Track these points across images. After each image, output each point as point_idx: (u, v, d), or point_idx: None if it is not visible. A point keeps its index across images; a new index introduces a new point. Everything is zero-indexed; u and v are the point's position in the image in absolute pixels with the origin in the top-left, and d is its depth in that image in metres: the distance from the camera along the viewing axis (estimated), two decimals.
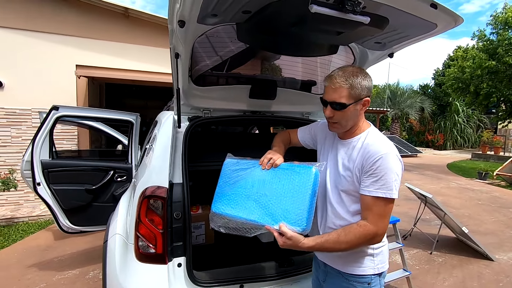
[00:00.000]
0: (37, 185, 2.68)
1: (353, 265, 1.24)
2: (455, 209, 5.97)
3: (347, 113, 1.18)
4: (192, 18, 1.22)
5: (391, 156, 1.13)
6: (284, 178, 1.25)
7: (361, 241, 1.14)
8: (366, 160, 1.15)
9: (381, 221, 1.14)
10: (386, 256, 1.30)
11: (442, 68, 22.93)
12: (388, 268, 1.32)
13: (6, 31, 5.16)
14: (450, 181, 9.30)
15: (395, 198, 1.13)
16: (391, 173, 1.12)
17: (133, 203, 1.55)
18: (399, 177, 1.14)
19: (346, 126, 1.23)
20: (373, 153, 1.14)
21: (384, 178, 1.11)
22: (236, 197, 1.36)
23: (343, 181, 1.23)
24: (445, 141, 21.75)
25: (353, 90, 1.16)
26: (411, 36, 1.46)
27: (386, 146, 1.16)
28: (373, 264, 1.24)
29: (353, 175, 1.19)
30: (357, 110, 1.20)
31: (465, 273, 3.28)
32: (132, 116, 3.09)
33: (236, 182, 1.39)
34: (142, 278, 1.41)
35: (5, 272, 3.12)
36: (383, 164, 1.12)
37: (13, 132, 5.28)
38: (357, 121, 1.24)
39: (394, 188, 1.12)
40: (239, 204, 1.33)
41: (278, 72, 2.13)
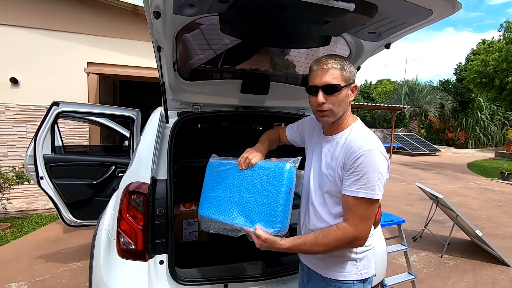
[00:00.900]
0: (40, 179, 2.75)
1: (334, 270, 1.17)
2: (473, 211, 5.68)
3: (340, 97, 1.11)
4: (167, 9, 1.17)
5: (374, 153, 1.05)
6: (259, 178, 1.20)
7: (340, 244, 1.07)
8: (348, 157, 1.08)
9: (362, 224, 1.06)
10: (371, 261, 1.22)
11: (465, 63, 21.90)
12: (374, 274, 1.23)
13: (22, 30, 5.34)
14: (470, 181, 8.88)
15: (378, 198, 1.05)
16: (374, 172, 1.03)
17: (117, 198, 1.54)
18: (383, 176, 1.06)
19: (338, 113, 1.14)
20: (355, 149, 1.06)
21: (366, 177, 1.03)
22: (218, 199, 1.35)
23: (325, 181, 1.16)
24: (466, 139, 20.85)
25: (344, 72, 1.10)
26: (406, 25, 1.35)
27: (369, 142, 1.08)
28: (355, 269, 1.17)
29: (335, 174, 1.12)
30: (348, 96, 1.14)
31: (478, 279, 3.10)
32: (133, 112, 3.11)
33: (218, 184, 1.37)
34: (123, 274, 1.40)
35: (15, 262, 3.24)
36: (365, 162, 1.04)
37: (29, 127, 5.48)
38: (346, 110, 1.16)
39: (377, 188, 1.04)
40: (220, 207, 1.33)
41: (273, 66, 2.06)
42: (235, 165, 1.30)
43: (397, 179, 8.89)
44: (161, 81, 1.59)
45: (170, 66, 1.56)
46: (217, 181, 1.39)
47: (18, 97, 5.42)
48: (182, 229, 2.19)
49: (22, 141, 5.46)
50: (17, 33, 5.32)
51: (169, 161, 1.58)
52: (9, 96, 5.38)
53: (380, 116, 26.06)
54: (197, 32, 1.59)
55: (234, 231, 1.28)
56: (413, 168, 11.31)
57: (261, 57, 2.00)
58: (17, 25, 5.31)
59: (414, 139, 17.53)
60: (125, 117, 3.14)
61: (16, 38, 5.32)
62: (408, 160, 13.84)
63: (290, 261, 1.64)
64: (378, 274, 1.88)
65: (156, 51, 1.44)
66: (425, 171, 10.69)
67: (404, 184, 8.14)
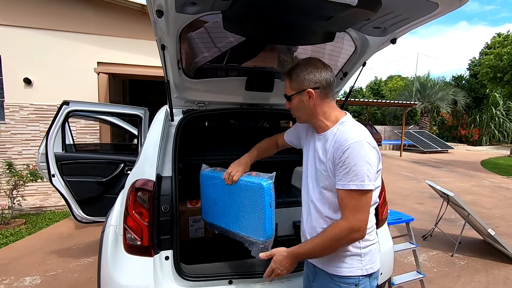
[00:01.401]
0: (52, 177, 2.83)
1: (339, 266, 1.18)
2: (486, 209, 5.54)
3: (295, 104, 1.22)
4: (169, 7, 1.18)
5: (361, 144, 1.06)
6: (243, 192, 1.36)
7: (338, 239, 1.09)
8: (336, 151, 1.10)
9: (355, 215, 1.07)
10: (376, 255, 1.22)
11: (479, 58, 21.27)
12: (379, 268, 1.23)
13: (34, 31, 5.48)
14: (483, 179, 8.66)
15: (369, 189, 1.06)
16: (362, 163, 1.05)
17: (124, 195, 1.57)
18: (372, 167, 1.07)
19: (300, 117, 1.26)
20: (342, 142, 1.08)
21: (354, 169, 1.05)
22: (214, 208, 1.56)
23: (321, 177, 1.18)
24: (480, 136, 20.29)
25: (292, 82, 1.20)
26: (411, 19, 1.32)
27: (356, 134, 1.09)
28: (361, 264, 1.17)
29: (328, 169, 1.14)
30: (304, 102, 1.19)
31: (490, 278, 3.03)
32: (141, 111, 3.16)
33: (211, 195, 1.57)
34: (129, 269, 1.43)
35: (29, 257, 3.35)
36: (353, 154, 1.05)
37: (42, 126, 5.63)
38: (316, 113, 1.20)
39: (367, 179, 1.05)
40: (217, 214, 1.55)
41: (278, 63, 2.06)
42: (222, 179, 1.45)
43: (407, 177, 8.75)
44: (166, 80, 1.61)
45: (174, 64, 1.58)
46: (210, 192, 1.56)
47: (31, 97, 5.57)
48: (188, 226, 2.21)
49: (35, 139, 5.62)
50: (30, 34, 5.46)
51: (174, 158, 1.60)
52: (23, 96, 5.54)
53: (390, 113, 25.63)
54: (201, 30, 1.60)
55: (233, 234, 1.49)
56: (424, 166, 11.10)
57: (266, 54, 2.00)
58: (29, 26, 5.45)
59: (425, 136, 17.19)
60: (133, 115, 3.19)
61: (28, 39, 5.46)
62: (419, 158, 13.58)
63: None
64: (385, 273, 1.86)
65: (160, 49, 1.46)
66: (437, 169, 10.48)
67: (414, 182, 8.00)
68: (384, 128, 21.64)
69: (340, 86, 2.09)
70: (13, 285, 2.79)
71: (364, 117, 24.98)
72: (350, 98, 13.90)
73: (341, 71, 1.93)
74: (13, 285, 2.79)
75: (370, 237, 1.18)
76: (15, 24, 5.39)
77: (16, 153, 5.60)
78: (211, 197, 1.57)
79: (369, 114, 23.82)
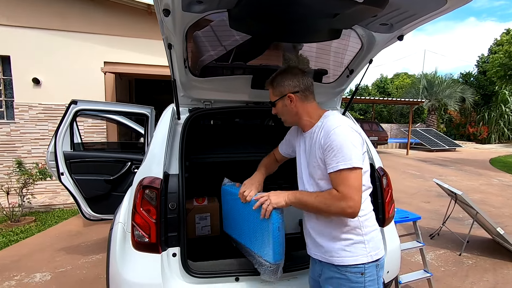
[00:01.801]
0: (60, 175, 2.88)
1: (344, 255, 1.21)
2: (495, 208, 5.46)
3: (279, 108, 1.35)
4: (176, 6, 1.19)
5: (343, 128, 1.17)
6: (254, 212, 1.38)
7: (329, 205, 1.16)
8: (323, 139, 1.20)
9: (347, 189, 1.13)
10: (379, 242, 1.28)
11: (488, 54, 20.89)
12: (383, 256, 1.27)
13: (41, 31, 5.56)
14: (492, 177, 8.53)
15: (358, 166, 1.14)
16: (347, 144, 1.15)
17: (132, 193, 1.59)
18: (356, 147, 1.16)
19: (286, 120, 1.38)
20: (327, 130, 1.19)
21: (341, 151, 1.14)
22: (232, 221, 1.63)
23: (313, 170, 1.27)
24: (489, 134, 19.96)
25: (275, 89, 1.34)
26: (419, 15, 1.31)
27: (340, 121, 1.21)
28: (365, 251, 1.21)
29: (317, 158, 1.23)
30: (287, 106, 1.32)
31: (499, 278, 2.99)
32: (147, 110, 3.19)
33: (231, 208, 1.63)
34: (137, 265, 1.45)
35: (40, 253, 3.42)
36: (337, 137, 1.15)
37: (50, 126, 5.72)
38: (300, 114, 1.32)
39: (354, 158, 1.13)
40: (234, 228, 1.62)
41: (283, 61, 2.05)
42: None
43: (414, 176, 8.66)
44: (172, 78, 1.62)
45: (181, 63, 1.59)
46: (228, 206, 1.65)
47: (40, 96, 5.66)
48: (195, 224, 2.23)
49: (44, 138, 5.71)
50: (38, 35, 5.55)
51: (180, 156, 1.61)
52: (32, 96, 5.63)
53: (397, 111, 25.36)
54: (207, 28, 1.60)
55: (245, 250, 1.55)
56: (431, 164, 10.98)
57: (271, 52, 2.00)
58: (38, 27, 5.54)
59: (432, 134, 16.98)
60: (140, 114, 3.22)
61: (37, 40, 5.55)
62: (426, 156, 13.43)
63: (301, 256, 1.64)
64: (392, 271, 1.86)
65: (167, 48, 1.46)
66: (444, 167, 10.35)
67: (421, 181, 7.92)
68: (391, 126, 21.42)
69: (346, 84, 2.08)
70: (24, 281, 2.84)
71: (370, 115, 24.79)
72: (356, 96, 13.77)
73: (347, 68, 1.92)
74: (24, 281, 2.84)
75: (370, 223, 1.25)
76: (24, 25, 5.48)
77: (26, 152, 5.70)
78: (229, 211, 1.66)
79: (375, 112, 23.61)
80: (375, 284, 1.22)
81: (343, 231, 1.21)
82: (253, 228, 1.43)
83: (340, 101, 2.27)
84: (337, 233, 1.22)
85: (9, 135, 5.63)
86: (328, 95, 2.17)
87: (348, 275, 1.20)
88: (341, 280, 1.21)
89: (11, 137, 5.64)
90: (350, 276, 1.19)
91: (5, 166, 5.56)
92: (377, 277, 1.23)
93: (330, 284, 1.25)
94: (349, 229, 1.21)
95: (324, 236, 1.25)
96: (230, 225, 1.68)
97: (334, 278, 1.23)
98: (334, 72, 2.03)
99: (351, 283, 1.20)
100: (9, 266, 3.13)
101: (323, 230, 1.26)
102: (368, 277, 1.20)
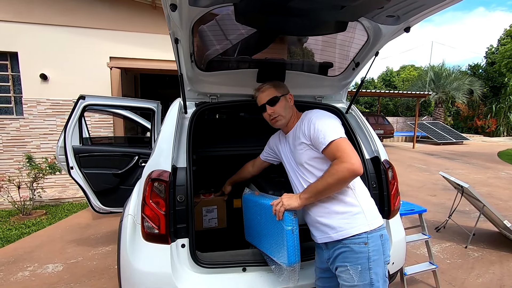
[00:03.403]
0: (70, 169, 2.94)
1: (346, 228, 1.28)
2: (503, 201, 5.42)
3: (282, 105, 1.49)
4: (183, 1, 1.20)
5: (319, 112, 1.40)
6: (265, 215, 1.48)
7: (338, 172, 1.22)
8: (307, 127, 1.36)
9: (344, 151, 1.24)
10: (377, 211, 1.37)
11: (497, 45, 20.42)
12: (383, 224, 1.34)
13: (48, 27, 5.60)
14: (500, 170, 8.43)
15: (344, 136, 1.28)
16: (328, 121, 1.33)
17: (141, 186, 1.62)
18: (334, 122, 1.34)
19: (286, 116, 1.50)
20: (308, 119, 1.38)
21: (326, 128, 1.30)
22: (252, 229, 1.70)
23: (301, 156, 1.39)
24: (497, 127, 19.64)
25: (277, 88, 1.51)
26: (426, 6, 1.30)
27: (315, 111, 1.43)
28: (365, 221, 1.28)
29: (304, 144, 1.37)
30: (288, 103, 1.51)
31: (505, 271, 2.99)
32: (153, 104, 3.22)
33: (250, 215, 1.71)
34: (147, 256, 1.49)
35: (50, 245, 3.51)
36: (318, 119, 1.34)
37: (58, 121, 5.80)
38: (292, 113, 1.52)
39: (339, 130, 1.30)
40: (254, 235, 1.69)
41: (289, 54, 2.06)
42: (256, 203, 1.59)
43: (420, 169, 8.61)
44: (179, 73, 1.64)
45: (187, 57, 1.60)
46: (248, 214, 1.73)
47: (48, 92, 5.73)
48: (202, 216, 2.27)
49: (53, 134, 5.80)
50: (45, 31, 5.59)
51: (188, 150, 1.64)
52: (39, 91, 5.70)
53: (403, 104, 25.07)
54: (213, 23, 1.61)
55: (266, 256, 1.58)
56: (438, 158, 10.88)
57: (276, 45, 1.99)
58: (44, 23, 5.57)
59: (439, 128, 16.78)
60: (146, 109, 3.26)
61: (43, 35, 5.59)
62: (433, 150, 13.30)
63: (308, 247, 1.67)
64: (397, 262, 1.88)
65: (174, 43, 1.48)
66: (451, 160, 10.26)
67: (427, 174, 7.87)
68: (397, 119, 21.21)
69: (352, 77, 2.08)
70: (37, 271, 2.93)
71: (375, 109, 24.54)
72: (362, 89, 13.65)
73: (353, 61, 1.92)
74: (37, 271, 2.93)
75: (365, 195, 1.37)
76: (31, 21, 5.52)
77: (35, 147, 5.80)
78: (249, 219, 1.74)
79: (381, 105, 23.36)
80: (380, 255, 1.27)
81: (341, 204, 1.31)
82: (269, 233, 1.48)
83: (346, 94, 2.27)
84: (336, 207, 1.30)
85: (18, 130, 5.73)
86: (334, 88, 2.17)
87: (352, 246, 1.25)
88: (346, 253, 1.26)
89: (20, 132, 5.74)
90: (354, 247, 1.25)
91: (15, 161, 5.67)
92: (383, 249, 1.28)
93: (337, 261, 1.30)
94: (346, 202, 1.31)
95: (326, 215, 1.32)
96: (250, 233, 1.74)
97: (340, 254, 1.29)
98: (340, 65, 2.03)
99: (355, 254, 1.25)
100: (22, 257, 3.23)
101: (323, 210, 1.33)
102: (372, 247, 1.25)
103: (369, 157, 1.91)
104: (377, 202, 1.81)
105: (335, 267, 1.32)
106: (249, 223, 1.73)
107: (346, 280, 1.26)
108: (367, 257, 1.24)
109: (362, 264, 1.24)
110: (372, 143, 1.94)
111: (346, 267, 1.26)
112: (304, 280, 1.59)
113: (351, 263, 1.25)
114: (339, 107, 2.09)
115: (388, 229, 1.84)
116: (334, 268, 1.33)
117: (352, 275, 1.24)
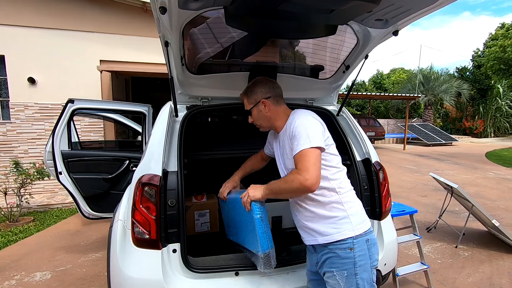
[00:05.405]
0: (59, 174, 2.88)
1: (332, 233, 1.28)
2: (490, 201, 5.53)
3: (255, 115, 1.48)
4: (172, 4, 1.19)
5: (304, 116, 1.33)
6: (237, 209, 1.51)
7: (291, 183, 1.23)
8: (289, 131, 1.34)
9: (304, 163, 1.21)
10: (364, 215, 1.35)
11: (483, 48, 20.96)
12: (370, 228, 1.33)
13: (36, 30, 5.51)
14: (488, 171, 8.61)
15: (316, 146, 1.23)
16: (306, 129, 1.27)
17: (131, 191, 1.60)
18: (315, 131, 1.28)
19: (262, 125, 1.51)
20: (291, 123, 1.35)
21: (301, 135, 1.25)
22: (231, 226, 1.75)
23: (287, 161, 1.39)
24: (485, 128, 20.10)
25: (250, 98, 1.47)
26: (413, 10, 1.32)
27: (300, 114, 1.36)
28: (351, 226, 1.27)
29: (288, 150, 1.35)
30: (262, 111, 1.45)
31: (494, 269, 3.04)
32: (144, 108, 3.18)
33: (227, 214, 1.76)
34: (138, 261, 1.46)
35: (39, 253, 3.42)
36: (299, 125, 1.29)
37: (47, 125, 5.69)
38: (274, 118, 1.46)
39: (313, 139, 1.24)
40: (231, 231, 1.75)
41: (280, 57, 2.06)
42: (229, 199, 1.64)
43: (411, 170, 8.73)
44: (169, 76, 1.63)
45: (178, 60, 1.59)
46: (225, 212, 1.79)
47: (36, 96, 5.62)
48: (194, 220, 2.25)
49: (41, 138, 5.69)
50: (33, 34, 5.49)
51: (179, 153, 1.63)
52: (27, 95, 5.59)
53: (393, 106, 25.45)
54: (204, 26, 1.61)
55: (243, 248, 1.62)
56: (428, 159, 11.06)
57: (268, 49, 2.00)
58: (32, 26, 5.48)
59: (429, 129, 17.08)
60: (137, 112, 3.22)
61: (31, 38, 5.50)
62: (423, 151, 13.52)
63: (299, 250, 1.67)
64: (389, 263, 1.89)
65: (164, 46, 1.47)
66: (441, 161, 10.44)
67: (418, 175, 7.98)
68: (387, 121, 21.50)
69: (343, 80, 2.10)
70: (24, 280, 2.85)
71: (367, 111, 24.84)
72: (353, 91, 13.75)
73: (343, 64, 1.94)
74: (24, 280, 2.85)
75: (351, 199, 1.34)
76: (19, 23, 5.42)
77: (23, 152, 5.67)
78: (226, 217, 1.79)
79: (372, 107, 23.67)
80: (367, 259, 1.27)
81: (326, 208, 1.29)
82: (243, 226, 1.51)
83: (337, 97, 2.29)
84: (322, 211, 1.29)
85: (5, 135, 5.59)
86: (325, 90, 2.19)
87: (338, 252, 1.25)
88: (332, 259, 1.27)
89: (7, 137, 5.60)
90: (340, 252, 1.25)
91: (2, 167, 5.53)
92: (369, 254, 1.27)
93: (324, 267, 1.30)
94: (332, 207, 1.29)
95: (312, 219, 1.32)
96: (230, 231, 1.78)
97: (327, 259, 1.29)
98: (331, 68, 2.05)
99: (341, 259, 1.25)
100: (9, 265, 3.13)
101: (309, 215, 1.33)
102: (358, 252, 1.25)
103: (360, 159, 1.93)
104: (369, 204, 1.83)
105: (323, 272, 1.33)
106: (227, 221, 1.79)
107: (333, 286, 1.27)
108: (353, 263, 1.24)
109: (348, 270, 1.24)
110: (363, 145, 1.96)
111: (333, 273, 1.26)
112: (296, 282, 1.59)
113: (337, 268, 1.25)
114: (330, 110, 2.11)
115: (380, 230, 1.85)
116: (322, 273, 1.34)
117: (338, 281, 1.25)
